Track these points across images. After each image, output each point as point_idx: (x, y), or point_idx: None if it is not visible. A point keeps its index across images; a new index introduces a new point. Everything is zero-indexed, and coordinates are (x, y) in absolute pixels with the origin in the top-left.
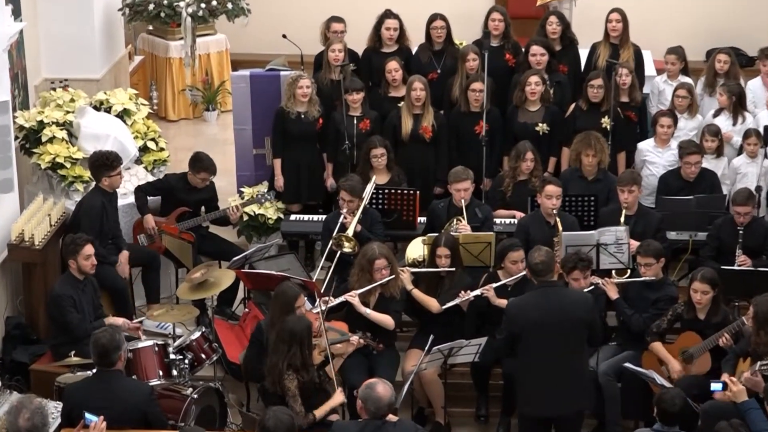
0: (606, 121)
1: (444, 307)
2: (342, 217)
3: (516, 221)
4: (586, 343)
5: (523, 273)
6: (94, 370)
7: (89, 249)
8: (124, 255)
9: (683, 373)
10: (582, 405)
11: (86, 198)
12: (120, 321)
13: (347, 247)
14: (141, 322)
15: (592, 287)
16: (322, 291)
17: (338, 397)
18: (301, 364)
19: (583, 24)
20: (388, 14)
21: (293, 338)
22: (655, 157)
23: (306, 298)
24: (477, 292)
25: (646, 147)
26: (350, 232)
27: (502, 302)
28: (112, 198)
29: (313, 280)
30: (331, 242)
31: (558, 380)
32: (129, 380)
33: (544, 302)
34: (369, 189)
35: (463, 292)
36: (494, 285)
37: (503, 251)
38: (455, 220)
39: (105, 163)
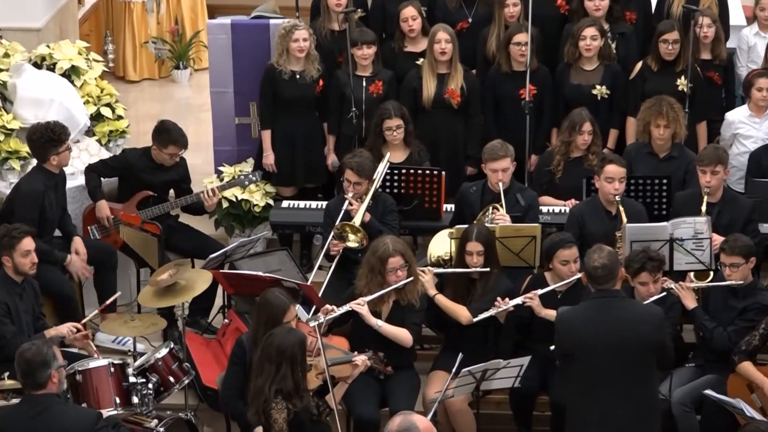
0: (682, 84)
1: (476, 318)
2: (347, 203)
3: (568, 210)
4: (654, 367)
5: (577, 276)
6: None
7: (28, 243)
8: (78, 243)
9: None
10: None
11: (24, 180)
12: (64, 328)
13: (352, 241)
14: (93, 334)
15: (664, 294)
16: (320, 297)
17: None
18: (293, 389)
19: None
20: None
21: (282, 356)
22: (751, 130)
23: (300, 307)
24: (518, 300)
25: (737, 117)
26: (357, 221)
27: (550, 313)
28: (59, 180)
29: (310, 283)
30: (332, 234)
31: (619, 412)
32: (68, 406)
33: (600, 316)
34: (382, 168)
35: (500, 299)
36: (540, 291)
37: (552, 248)
38: (491, 208)
39: (51, 138)
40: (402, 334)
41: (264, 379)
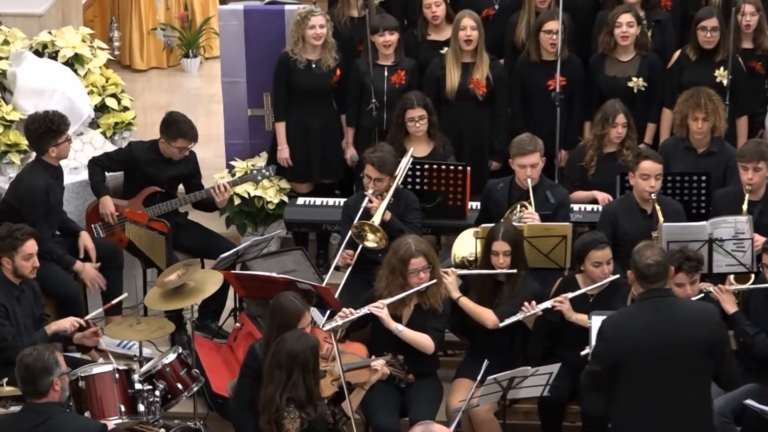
0: (722, 75)
1: (503, 323)
2: (366, 200)
3: (600, 208)
4: (710, 375)
5: (611, 279)
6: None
7: (31, 246)
8: (86, 238)
9: None
10: None
11: (26, 175)
12: (66, 322)
13: (371, 240)
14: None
15: (701, 296)
16: (337, 299)
17: None
18: (306, 397)
19: None
20: None
21: (294, 362)
22: None
23: (316, 310)
24: (547, 304)
25: None
26: (376, 220)
27: (581, 318)
28: (59, 173)
29: (325, 285)
30: (350, 233)
31: (670, 424)
32: (71, 417)
33: (653, 318)
34: (404, 164)
35: (527, 303)
36: (570, 295)
37: (584, 249)
38: (519, 206)
39: (50, 129)
40: (424, 340)
41: (275, 386)
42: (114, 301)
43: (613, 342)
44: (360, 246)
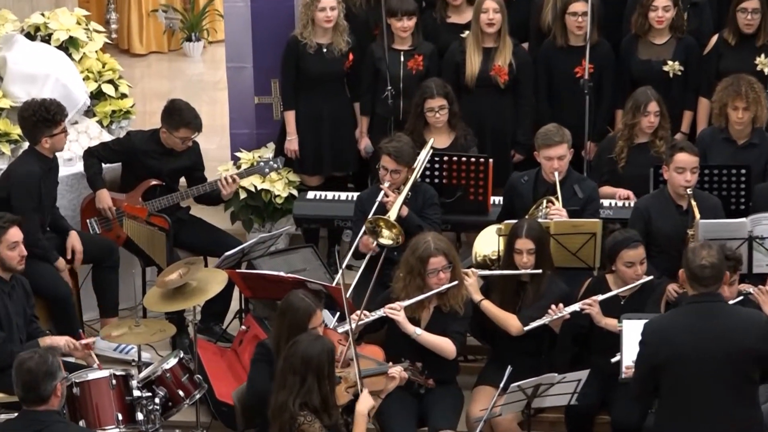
0: (763, 62)
1: (527, 328)
2: (382, 194)
3: (632, 203)
4: (758, 385)
5: (644, 280)
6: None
7: (15, 234)
8: (74, 238)
9: None
10: None
11: (16, 165)
12: (62, 340)
13: (386, 237)
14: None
15: (741, 298)
16: (349, 299)
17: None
18: (321, 404)
19: None
20: None
21: (307, 367)
22: None
23: (328, 312)
24: (575, 307)
25: None
26: (392, 215)
27: (611, 323)
28: (53, 165)
29: (336, 285)
30: (363, 229)
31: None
32: (69, 427)
33: (698, 324)
34: (424, 155)
35: (554, 306)
36: (600, 297)
37: (615, 248)
38: (545, 201)
39: (45, 118)
40: (444, 344)
41: (287, 392)
42: (91, 338)
43: (654, 347)
44: (374, 244)
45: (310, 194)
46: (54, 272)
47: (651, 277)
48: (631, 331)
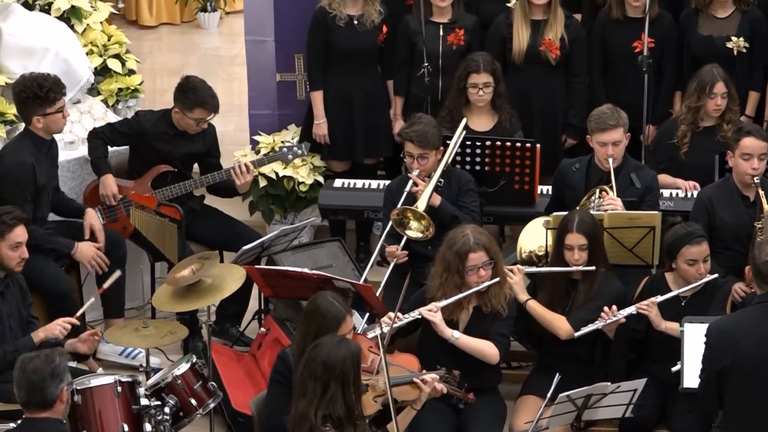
0: None
1: (578, 333)
2: (411, 183)
3: (695, 194)
4: None
5: (708, 279)
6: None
7: (20, 233)
8: (91, 216)
9: None
10: None
11: (8, 151)
12: (55, 328)
13: (414, 229)
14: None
15: None
16: (379, 298)
17: None
18: (345, 414)
19: None
20: None
21: (330, 373)
22: None
23: (357, 314)
24: (631, 309)
25: None
26: (421, 205)
27: (671, 326)
28: (50, 149)
29: (367, 283)
30: (390, 221)
31: None
32: None
33: (764, 325)
34: (457, 136)
35: (607, 308)
36: (659, 298)
37: (676, 244)
38: (598, 190)
39: (36, 94)
40: (485, 348)
41: (308, 401)
42: (109, 281)
43: (718, 349)
44: (404, 238)
45: (338, 182)
46: (54, 267)
47: (715, 276)
48: (694, 336)
